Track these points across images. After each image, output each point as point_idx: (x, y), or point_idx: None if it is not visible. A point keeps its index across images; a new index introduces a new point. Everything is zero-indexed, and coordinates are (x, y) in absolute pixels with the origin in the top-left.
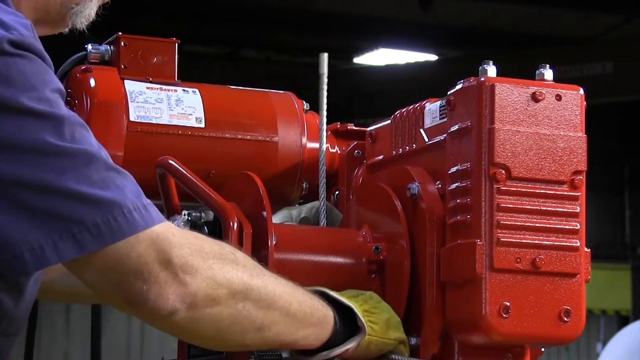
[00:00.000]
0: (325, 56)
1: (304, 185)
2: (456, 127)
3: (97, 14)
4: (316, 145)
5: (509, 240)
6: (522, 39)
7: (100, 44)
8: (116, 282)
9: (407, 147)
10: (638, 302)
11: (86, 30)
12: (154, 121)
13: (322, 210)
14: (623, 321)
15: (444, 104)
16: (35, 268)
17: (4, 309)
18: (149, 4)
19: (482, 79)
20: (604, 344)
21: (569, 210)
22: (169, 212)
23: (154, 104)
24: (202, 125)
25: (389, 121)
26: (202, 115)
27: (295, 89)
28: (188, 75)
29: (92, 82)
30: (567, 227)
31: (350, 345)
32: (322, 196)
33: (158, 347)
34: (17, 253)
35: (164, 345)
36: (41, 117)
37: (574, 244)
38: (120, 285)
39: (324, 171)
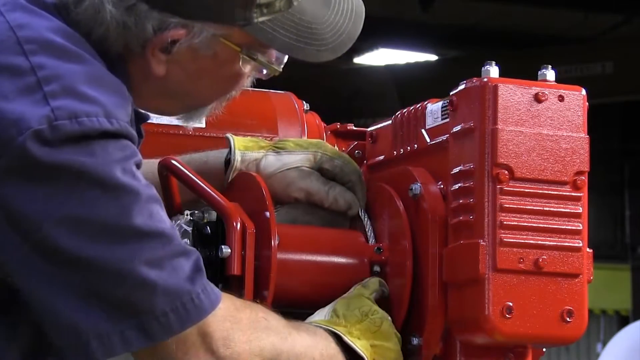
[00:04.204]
0: None
1: None
2: (459, 127)
3: None
4: None
5: (511, 240)
6: (522, 39)
7: None
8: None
9: (409, 148)
10: (638, 302)
11: None
12: (154, 121)
13: None
14: (623, 321)
15: (446, 104)
16: (102, 357)
17: None
18: None
19: (485, 79)
20: (604, 344)
21: (572, 211)
22: (171, 212)
23: None
24: (202, 125)
25: (389, 121)
26: None
27: (295, 89)
28: None
29: None
30: (569, 227)
31: None
32: None
33: None
34: (83, 340)
35: None
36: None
37: (577, 245)
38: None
39: None
